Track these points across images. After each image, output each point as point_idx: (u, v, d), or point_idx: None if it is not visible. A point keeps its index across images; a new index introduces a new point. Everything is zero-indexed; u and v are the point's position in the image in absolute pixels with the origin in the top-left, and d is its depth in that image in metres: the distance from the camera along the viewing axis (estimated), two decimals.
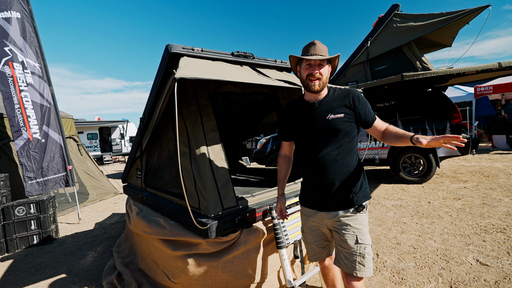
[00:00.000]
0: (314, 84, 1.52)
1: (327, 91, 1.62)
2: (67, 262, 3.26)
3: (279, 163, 1.87)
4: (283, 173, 1.85)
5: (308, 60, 1.51)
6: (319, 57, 1.48)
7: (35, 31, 4.70)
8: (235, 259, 1.98)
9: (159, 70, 2.17)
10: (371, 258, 1.51)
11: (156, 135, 2.63)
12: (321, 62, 1.51)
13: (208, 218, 1.91)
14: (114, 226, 4.49)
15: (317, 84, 1.52)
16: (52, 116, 4.75)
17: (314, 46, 1.52)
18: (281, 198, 1.84)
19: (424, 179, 5.50)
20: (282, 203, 1.83)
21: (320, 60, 1.50)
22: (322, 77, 1.51)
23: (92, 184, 6.66)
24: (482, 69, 4.53)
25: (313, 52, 1.50)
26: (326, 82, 1.56)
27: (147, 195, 2.85)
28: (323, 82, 1.53)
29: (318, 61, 1.50)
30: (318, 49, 1.50)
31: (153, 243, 2.39)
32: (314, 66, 1.50)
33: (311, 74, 1.51)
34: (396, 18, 5.72)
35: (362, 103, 1.54)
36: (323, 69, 1.51)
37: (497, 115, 10.26)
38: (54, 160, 4.61)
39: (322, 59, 1.50)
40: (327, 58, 1.51)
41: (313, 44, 1.53)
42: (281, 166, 1.85)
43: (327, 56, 1.52)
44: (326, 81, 1.56)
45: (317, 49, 1.50)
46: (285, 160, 1.85)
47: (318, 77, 1.50)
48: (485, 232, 3.11)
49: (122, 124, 17.43)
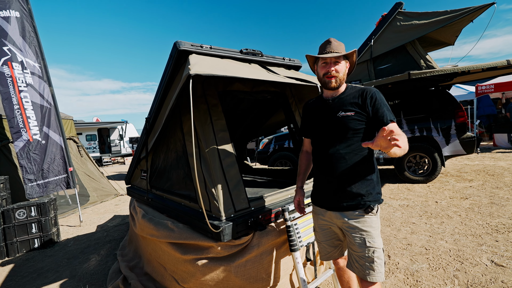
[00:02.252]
0: (331, 81, 1.52)
1: (344, 88, 1.60)
2: (70, 266, 3.17)
3: (300, 158, 1.90)
4: (303, 168, 1.86)
5: (324, 59, 1.52)
6: (333, 54, 1.48)
7: (34, 30, 4.61)
8: (248, 263, 1.91)
9: (167, 67, 2.11)
10: (382, 263, 1.44)
11: (163, 135, 2.55)
12: (336, 59, 1.51)
13: (220, 220, 1.84)
14: (116, 228, 4.41)
15: (333, 81, 1.52)
16: (52, 117, 4.66)
17: (329, 44, 1.53)
18: (299, 190, 1.83)
19: (429, 178, 5.46)
20: (300, 195, 1.82)
21: (336, 58, 1.50)
22: (339, 74, 1.51)
23: (92, 185, 6.57)
24: (488, 67, 4.50)
25: (329, 50, 1.51)
26: (343, 79, 1.56)
27: (152, 197, 2.78)
28: (340, 79, 1.52)
29: (334, 59, 1.51)
30: (333, 47, 1.51)
31: (161, 246, 2.32)
32: (330, 64, 1.51)
33: (327, 72, 1.51)
34: (400, 17, 5.68)
35: (375, 103, 1.46)
36: (339, 66, 1.51)
37: (498, 114, 10.26)
38: (54, 162, 4.52)
39: (338, 56, 1.50)
40: (342, 54, 1.50)
41: (329, 43, 1.55)
42: (301, 160, 1.88)
43: (343, 52, 1.51)
44: (344, 77, 1.56)
45: (332, 46, 1.51)
46: (306, 156, 1.87)
47: (334, 74, 1.51)
48: (496, 232, 3.06)
49: (121, 125, 17.31)
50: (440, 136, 5.33)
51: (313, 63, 1.65)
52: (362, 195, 1.47)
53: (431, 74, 4.37)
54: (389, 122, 1.44)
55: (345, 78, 1.56)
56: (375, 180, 1.54)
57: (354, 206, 1.48)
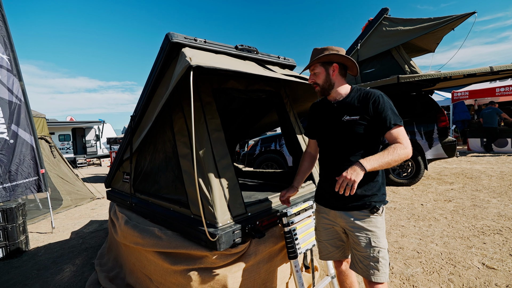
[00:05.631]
0: (317, 91, 1.59)
1: (349, 91, 1.56)
2: (40, 278, 2.87)
3: (302, 157, 1.89)
4: (302, 168, 1.85)
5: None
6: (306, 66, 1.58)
7: (3, 19, 4.22)
8: (244, 273, 1.78)
9: (157, 61, 1.94)
10: (386, 263, 1.45)
11: (150, 135, 2.36)
12: (314, 68, 1.56)
13: (216, 227, 1.69)
14: (93, 234, 4.10)
15: (318, 90, 1.58)
16: (22, 114, 4.26)
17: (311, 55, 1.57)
18: (292, 187, 1.83)
19: (413, 181, 5.57)
20: (290, 190, 1.82)
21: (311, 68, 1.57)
22: (319, 81, 1.55)
23: (66, 188, 6.13)
24: (469, 73, 4.66)
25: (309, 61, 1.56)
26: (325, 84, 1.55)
27: (136, 201, 2.56)
28: (322, 85, 1.55)
29: (310, 70, 1.59)
30: (312, 57, 1.55)
31: (146, 255, 2.13)
32: (311, 75, 1.59)
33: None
34: (385, 22, 5.80)
35: (378, 106, 1.43)
36: (316, 76, 1.56)
37: (472, 119, 10.79)
38: (24, 163, 4.14)
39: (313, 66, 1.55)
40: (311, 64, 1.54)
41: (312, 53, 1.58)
42: (303, 160, 1.87)
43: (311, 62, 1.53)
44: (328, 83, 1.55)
45: (311, 57, 1.56)
46: (308, 157, 1.86)
47: (315, 84, 1.58)
48: (483, 234, 3.12)
49: (98, 125, 16.52)
50: (423, 139, 5.46)
51: None
52: (368, 195, 1.48)
53: (419, 78, 4.46)
54: (393, 126, 1.40)
55: (331, 83, 1.54)
56: (381, 181, 1.54)
57: (359, 206, 1.48)
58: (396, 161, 1.32)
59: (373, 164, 1.28)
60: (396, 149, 1.33)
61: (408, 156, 1.36)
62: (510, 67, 4.37)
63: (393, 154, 1.31)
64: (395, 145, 1.35)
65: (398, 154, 1.32)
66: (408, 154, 1.35)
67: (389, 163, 1.31)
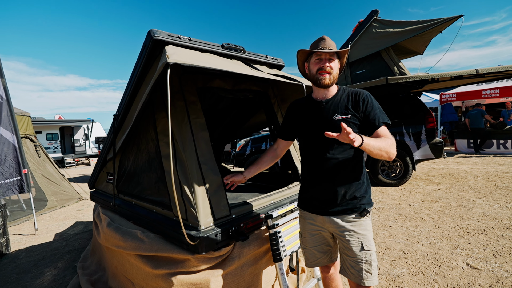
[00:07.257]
0: (324, 78, 1.46)
1: (336, 90, 1.54)
2: (20, 282, 2.77)
3: (265, 152, 1.84)
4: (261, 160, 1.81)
5: (319, 55, 1.46)
6: (329, 50, 1.43)
7: None
8: (228, 276, 1.74)
9: (139, 59, 1.88)
10: (376, 266, 1.45)
11: (133, 135, 2.30)
12: (331, 56, 1.47)
13: (198, 230, 1.65)
14: (77, 236, 4.00)
15: (327, 78, 1.46)
16: (4, 113, 4.12)
17: (324, 41, 1.47)
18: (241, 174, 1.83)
19: (401, 181, 5.63)
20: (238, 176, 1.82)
21: (330, 55, 1.46)
22: (333, 71, 1.48)
23: (51, 189, 5.97)
24: (456, 75, 4.73)
25: (323, 46, 1.46)
26: (336, 78, 1.50)
27: (120, 203, 2.50)
28: (334, 76, 1.48)
29: (328, 55, 1.46)
30: (328, 44, 1.46)
31: (128, 259, 2.07)
32: (325, 60, 1.46)
33: (321, 68, 1.46)
34: (375, 24, 5.84)
35: (367, 105, 1.44)
36: (333, 63, 1.47)
37: (459, 121, 11.00)
38: (5, 163, 4.00)
39: (333, 53, 1.46)
40: (337, 51, 1.47)
41: (323, 39, 1.48)
42: (264, 155, 1.82)
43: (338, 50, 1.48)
44: (336, 76, 1.51)
45: (326, 43, 1.46)
46: (272, 153, 1.81)
47: (329, 71, 1.46)
48: (468, 234, 3.16)
49: (87, 124, 16.18)
50: (411, 140, 5.52)
51: (304, 60, 1.59)
52: (357, 198, 1.46)
53: (407, 80, 4.50)
54: (381, 124, 1.41)
55: (336, 78, 1.51)
56: (366, 183, 1.54)
57: (349, 210, 1.46)
58: (385, 151, 1.29)
59: (369, 141, 1.24)
60: (387, 141, 1.32)
61: (393, 155, 1.34)
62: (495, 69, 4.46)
63: (385, 143, 1.30)
64: (388, 139, 1.34)
65: (389, 146, 1.30)
66: (395, 152, 1.34)
67: (380, 149, 1.27)
